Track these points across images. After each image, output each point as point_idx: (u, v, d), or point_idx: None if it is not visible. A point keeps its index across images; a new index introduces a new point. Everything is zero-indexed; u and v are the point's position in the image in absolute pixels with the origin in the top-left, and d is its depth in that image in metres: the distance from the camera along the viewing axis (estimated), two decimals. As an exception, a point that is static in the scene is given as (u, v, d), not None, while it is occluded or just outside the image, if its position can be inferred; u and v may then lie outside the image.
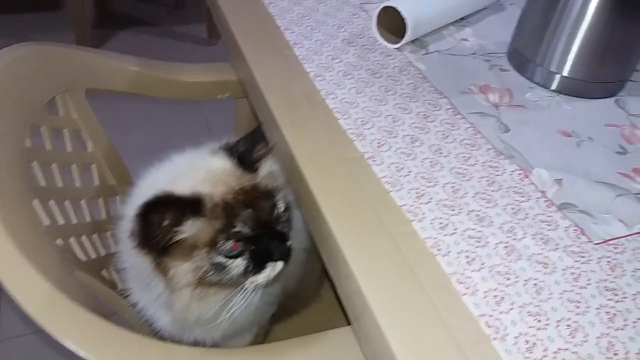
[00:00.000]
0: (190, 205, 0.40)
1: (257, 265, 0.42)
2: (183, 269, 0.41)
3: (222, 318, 0.44)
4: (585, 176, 0.48)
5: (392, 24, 0.64)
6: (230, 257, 0.41)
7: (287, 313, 0.69)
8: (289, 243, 0.44)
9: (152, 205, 0.39)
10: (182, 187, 0.42)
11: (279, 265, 0.42)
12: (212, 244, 0.40)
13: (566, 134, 0.54)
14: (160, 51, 1.88)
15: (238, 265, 0.41)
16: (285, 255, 0.43)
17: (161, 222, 0.39)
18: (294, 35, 0.64)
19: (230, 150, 0.45)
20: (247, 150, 0.45)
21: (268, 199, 0.43)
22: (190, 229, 0.40)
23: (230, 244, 0.40)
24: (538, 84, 0.62)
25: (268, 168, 0.45)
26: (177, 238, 0.40)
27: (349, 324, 0.43)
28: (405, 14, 0.62)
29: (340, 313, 0.49)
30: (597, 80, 0.61)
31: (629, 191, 0.47)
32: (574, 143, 0.53)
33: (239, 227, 0.40)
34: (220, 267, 0.40)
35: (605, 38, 0.58)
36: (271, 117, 0.52)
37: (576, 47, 0.58)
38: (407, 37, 0.63)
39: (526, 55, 0.63)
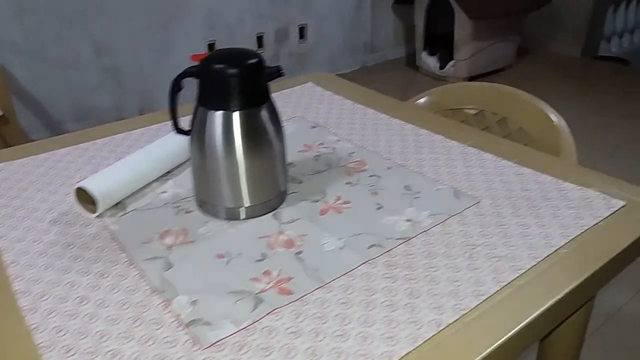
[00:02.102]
0: None
1: None
2: None
3: None
4: (221, 291, 0.62)
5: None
6: None
7: None
8: None
9: None
10: None
11: None
12: None
13: (221, 256, 0.68)
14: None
15: None
16: None
17: None
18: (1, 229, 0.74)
19: None
20: None
21: None
22: None
23: None
24: (217, 218, 0.77)
25: None
26: None
27: None
28: (94, 192, 0.76)
29: None
30: (260, 202, 0.78)
31: (250, 293, 0.61)
32: (224, 262, 0.67)
33: None
34: None
35: (249, 169, 0.75)
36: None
37: (234, 183, 0.75)
38: (100, 208, 0.76)
39: (201, 197, 0.79)
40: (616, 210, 0.73)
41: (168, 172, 0.89)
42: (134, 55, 2.63)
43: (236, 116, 0.73)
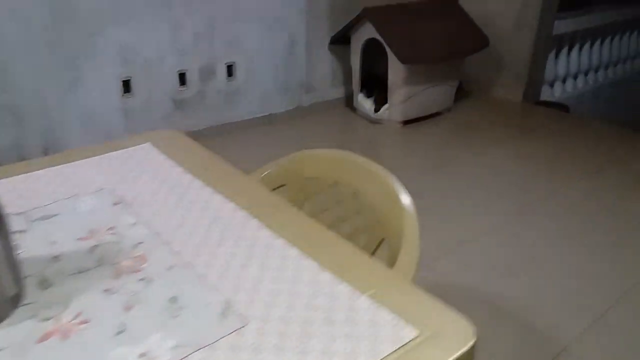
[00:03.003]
0: None
1: None
2: None
3: None
4: None
5: None
6: None
7: None
8: None
9: None
10: None
11: None
12: None
13: None
14: None
15: None
16: None
17: None
18: None
19: None
20: None
21: None
22: None
23: None
24: None
25: None
26: None
27: None
28: None
29: None
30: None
31: None
32: None
33: None
34: None
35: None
36: None
37: None
38: None
39: None
40: (404, 345, 0.58)
41: None
42: (37, 92, 2.44)
43: None
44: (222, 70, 2.97)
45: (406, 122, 3.19)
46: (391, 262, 0.88)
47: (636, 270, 1.90)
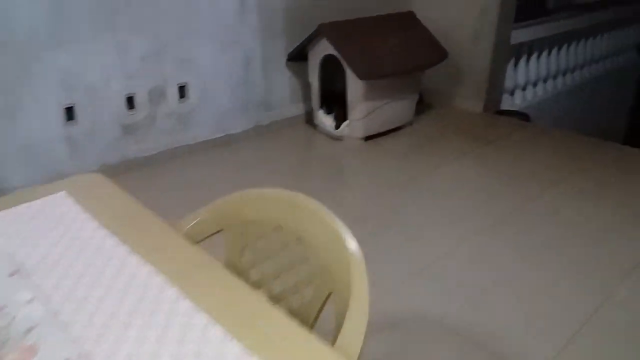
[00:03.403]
0: None
1: None
2: None
3: None
4: None
5: None
6: None
7: None
8: None
9: None
10: None
11: None
12: None
13: None
14: None
15: None
16: None
17: None
18: None
19: None
20: None
21: None
22: None
23: None
24: None
25: None
26: None
27: None
28: None
29: None
30: None
31: None
32: None
33: None
34: None
35: None
36: None
37: None
38: None
39: None
40: None
41: None
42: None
43: None
44: (173, 92, 2.83)
45: (368, 138, 3.11)
46: (339, 321, 0.78)
47: (604, 286, 1.86)
